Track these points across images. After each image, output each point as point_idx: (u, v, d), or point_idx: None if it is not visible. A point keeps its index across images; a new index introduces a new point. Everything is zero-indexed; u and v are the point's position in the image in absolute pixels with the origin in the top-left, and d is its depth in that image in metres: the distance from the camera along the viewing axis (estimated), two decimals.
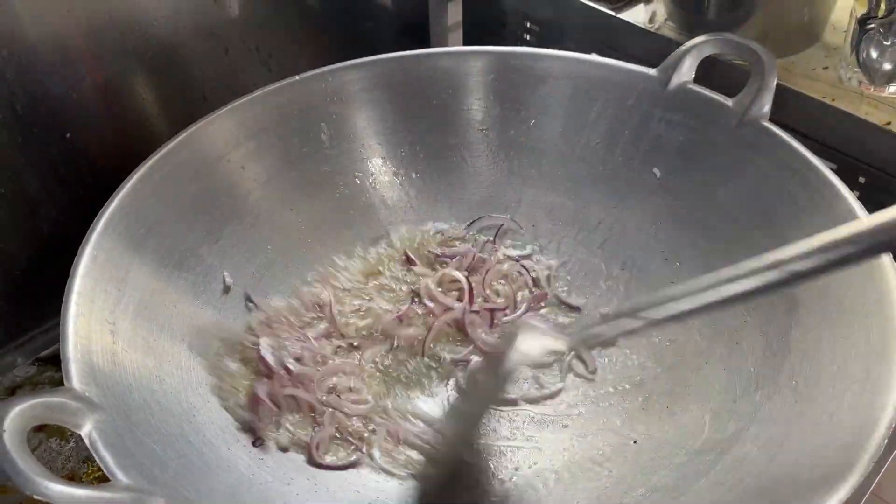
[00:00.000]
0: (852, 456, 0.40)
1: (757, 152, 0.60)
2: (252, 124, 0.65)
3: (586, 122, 0.69)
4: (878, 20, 0.65)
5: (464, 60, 0.70)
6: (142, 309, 0.53)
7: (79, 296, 0.49)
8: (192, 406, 0.51)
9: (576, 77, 0.69)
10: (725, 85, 0.64)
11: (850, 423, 0.43)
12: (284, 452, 0.54)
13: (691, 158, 0.64)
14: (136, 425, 0.45)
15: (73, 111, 0.64)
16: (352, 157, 0.70)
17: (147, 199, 0.58)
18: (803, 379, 0.49)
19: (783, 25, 0.73)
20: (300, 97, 0.67)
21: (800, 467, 0.42)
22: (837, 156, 0.67)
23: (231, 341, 0.58)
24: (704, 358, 0.57)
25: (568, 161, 0.70)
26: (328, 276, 0.66)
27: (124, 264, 0.54)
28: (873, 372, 0.44)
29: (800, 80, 0.71)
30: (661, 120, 0.66)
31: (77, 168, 0.66)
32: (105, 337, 0.49)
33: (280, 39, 0.78)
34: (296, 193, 0.67)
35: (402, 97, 0.70)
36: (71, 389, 0.44)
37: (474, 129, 0.72)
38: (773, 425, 0.48)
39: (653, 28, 0.77)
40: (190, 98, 0.73)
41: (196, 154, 0.62)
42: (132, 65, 0.67)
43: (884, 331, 0.46)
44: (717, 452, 0.49)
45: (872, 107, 0.68)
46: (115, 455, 0.41)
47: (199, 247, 0.60)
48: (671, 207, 0.65)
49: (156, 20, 0.67)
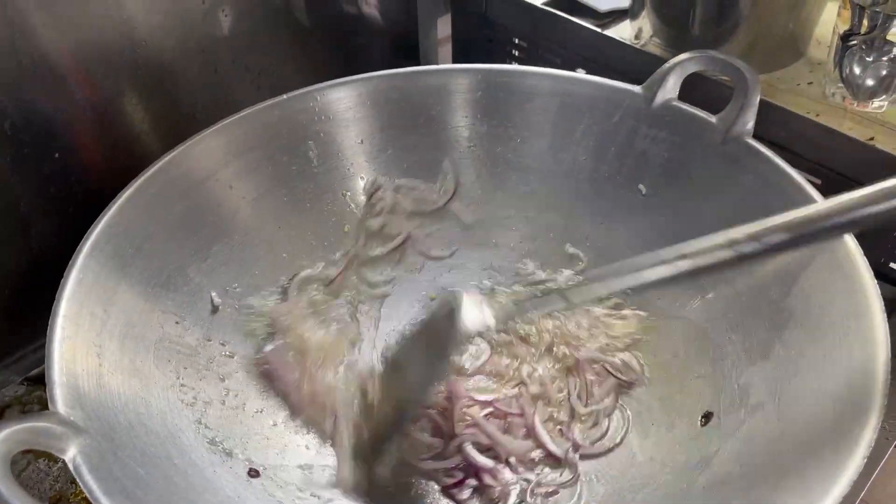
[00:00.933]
0: (832, 477, 0.40)
1: (740, 168, 0.61)
2: (240, 143, 0.66)
3: (573, 138, 0.70)
4: (861, 36, 0.66)
5: (450, 78, 0.71)
6: (129, 331, 0.53)
7: (64, 319, 0.49)
8: (177, 428, 0.51)
9: (562, 94, 0.69)
10: (711, 101, 0.64)
11: (831, 442, 0.43)
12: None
13: (676, 175, 0.65)
14: (120, 448, 0.45)
15: (64, 130, 0.64)
16: (340, 174, 0.70)
17: (135, 219, 0.58)
18: (786, 396, 0.49)
19: (768, 41, 0.74)
20: (288, 116, 0.68)
21: (780, 487, 0.43)
22: (822, 171, 0.67)
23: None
24: (690, 375, 0.57)
25: (555, 177, 0.70)
26: None
27: (111, 286, 0.54)
28: (854, 389, 0.45)
29: (784, 95, 0.72)
30: (647, 136, 0.66)
31: (68, 187, 0.66)
32: (91, 360, 0.49)
33: (270, 57, 0.79)
34: (284, 211, 0.68)
35: (390, 115, 0.71)
36: (56, 414, 0.44)
37: (462, 146, 0.72)
38: (755, 443, 0.48)
39: (639, 44, 0.78)
40: (180, 117, 0.73)
41: (184, 173, 0.62)
42: (122, 84, 0.67)
43: (864, 348, 0.46)
44: (700, 470, 0.49)
45: (856, 122, 0.68)
46: (98, 480, 0.41)
47: (187, 266, 0.60)
48: (656, 223, 0.65)
49: (145, 40, 0.67)
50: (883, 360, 0.44)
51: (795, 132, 0.68)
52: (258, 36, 0.76)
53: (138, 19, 0.66)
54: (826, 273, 0.52)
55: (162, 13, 0.67)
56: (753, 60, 0.73)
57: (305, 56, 0.83)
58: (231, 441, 0.54)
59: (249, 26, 0.75)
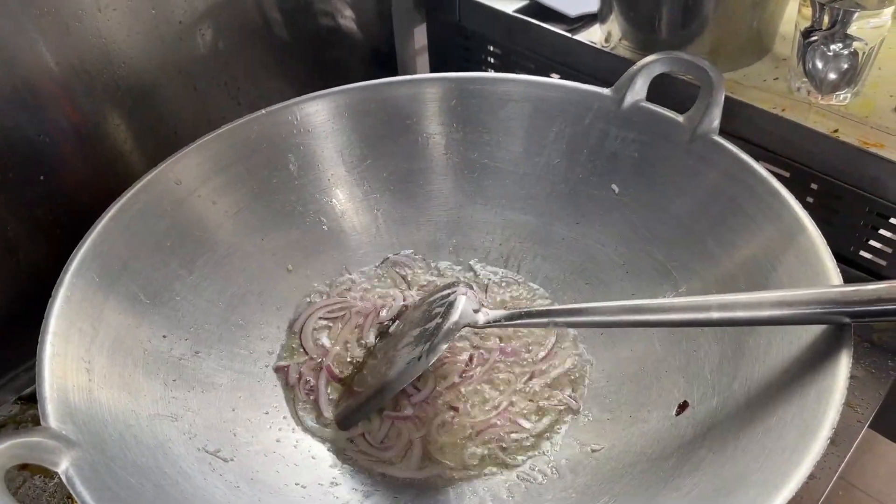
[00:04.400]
0: (796, 458, 0.42)
1: (708, 165, 0.62)
2: (221, 159, 0.67)
3: (546, 141, 0.71)
4: (822, 32, 0.68)
5: (424, 87, 0.72)
6: (117, 345, 0.55)
7: (54, 336, 0.51)
8: (167, 438, 0.52)
9: (534, 99, 0.71)
10: (681, 101, 0.66)
11: (798, 426, 0.44)
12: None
13: (646, 174, 0.67)
14: (112, 459, 0.46)
15: (47, 153, 0.66)
16: (320, 185, 0.72)
17: (120, 237, 0.59)
18: (755, 385, 0.50)
19: (733, 40, 0.76)
20: (267, 130, 0.69)
21: (749, 469, 0.44)
22: (790, 164, 0.69)
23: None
24: (664, 367, 0.59)
25: (531, 180, 0.72)
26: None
27: (99, 302, 0.55)
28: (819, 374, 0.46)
29: (751, 91, 0.74)
30: (617, 137, 0.68)
31: (53, 209, 0.68)
32: (81, 375, 0.50)
33: (249, 73, 0.80)
34: (266, 224, 0.69)
35: (367, 125, 0.72)
36: (48, 428, 0.45)
37: (438, 153, 0.74)
38: (726, 431, 0.49)
39: (608, 48, 0.80)
40: (162, 135, 0.74)
41: (166, 190, 0.63)
42: (103, 105, 0.69)
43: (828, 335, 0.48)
44: (676, 458, 0.51)
45: (821, 115, 0.70)
46: (91, 490, 0.42)
47: (173, 281, 0.62)
48: (629, 221, 0.67)
49: (124, 61, 0.69)
50: (846, 345, 0.46)
51: (762, 128, 0.69)
52: (236, 53, 0.78)
53: (117, 41, 0.67)
54: (793, 264, 0.54)
55: (140, 34, 0.69)
56: (720, 59, 0.75)
57: (284, 70, 0.84)
58: (222, 450, 0.55)
59: (227, 44, 0.76)
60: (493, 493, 0.55)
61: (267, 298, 0.68)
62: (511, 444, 0.58)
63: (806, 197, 0.69)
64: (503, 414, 0.60)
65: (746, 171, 0.60)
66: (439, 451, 0.58)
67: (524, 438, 0.59)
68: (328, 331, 0.67)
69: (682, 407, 0.55)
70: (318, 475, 0.57)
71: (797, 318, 0.46)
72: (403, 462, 0.58)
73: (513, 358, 0.64)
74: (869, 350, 0.64)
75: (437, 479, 0.57)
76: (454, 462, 0.58)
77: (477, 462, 0.58)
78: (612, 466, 0.54)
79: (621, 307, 0.53)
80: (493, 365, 0.64)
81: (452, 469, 0.57)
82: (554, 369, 0.63)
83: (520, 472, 0.57)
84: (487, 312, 0.57)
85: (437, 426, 0.60)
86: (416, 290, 0.71)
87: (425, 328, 0.57)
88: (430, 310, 0.60)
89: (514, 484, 0.56)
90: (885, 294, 0.43)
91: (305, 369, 0.64)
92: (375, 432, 0.60)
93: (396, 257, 0.73)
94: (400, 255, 0.74)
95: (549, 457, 0.58)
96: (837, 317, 0.45)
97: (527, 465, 0.57)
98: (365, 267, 0.73)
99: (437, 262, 0.74)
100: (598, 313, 0.53)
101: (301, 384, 0.63)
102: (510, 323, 0.57)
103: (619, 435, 0.57)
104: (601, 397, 0.61)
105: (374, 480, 0.58)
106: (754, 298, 0.47)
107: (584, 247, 0.70)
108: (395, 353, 0.59)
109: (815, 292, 0.46)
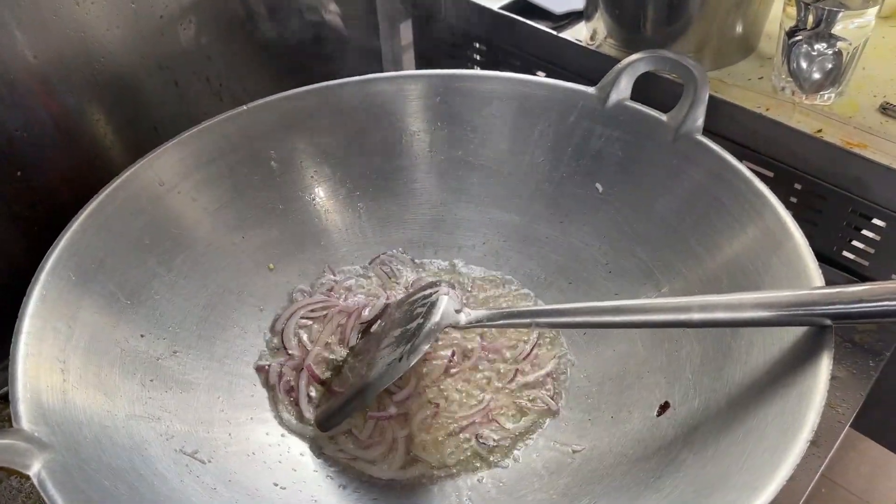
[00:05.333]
0: (778, 460, 0.41)
1: (692, 164, 0.62)
2: (201, 155, 0.66)
3: (531, 140, 0.71)
4: (806, 31, 0.67)
5: (408, 84, 0.72)
6: (93, 345, 0.54)
7: (28, 336, 0.50)
8: (143, 440, 0.51)
9: (519, 97, 0.71)
10: (664, 100, 0.66)
11: (779, 427, 0.44)
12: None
13: (630, 172, 0.66)
14: (86, 462, 0.46)
15: (25, 148, 0.65)
16: (302, 183, 0.71)
17: (97, 234, 0.58)
18: (737, 386, 0.50)
19: (718, 39, 0.75)
20: (248, 126, 0.69)
21: (730, 471, 0.44)
22: (774, 164, 0.69)
23: None
24: (646, 367, 0.58)
25: (514, 179, 0.72)
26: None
27: (74, 301, 0.54)
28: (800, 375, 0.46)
29: (736, 90, 0.74)
30: (601, 136, 0.68)
31: (31, 205, 0.67)
32: (55, 375, 0.50)
33: (231, 69, 0.79)
34: (247, 221, 0.68)
35: (350, 122, 0.72)
36: (20, 430, 0.44)
37: (422, 151, 0.73)
38: (707, 432, 0.49)
39: (593, 46, 0.79)
40: (142, 130, 0.74)
41: (145, 187, 0.63)
42: (83, 100, 0.68)
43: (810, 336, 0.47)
44: (657, 459, 0.51)
45: (804, 115, 0.70)
46: (63, 492, 0.42)
47: (150, 279, 0.61)
48: (613, 220, 0.67)
49: (104, 55, 0.68)
50: (827, 346, 0.46)
51: (746, 127, 0.69)
52: (218, 48, 0.77)
53: (97, 35, 0.66)
54: (775, 265, 0.53)
55: (120, 28, 0.68)
56: (705, 58, 0.75)
57: (268, 67, 0.84)
58: (199, 451, 0.54)
59: (209, 39, 0.75)
60: (474, 492, 0.55)
61: (247, 297, 0.67)
62: (492, 443, 0.58)
63: (789, 197, 0.69)
64: (484, 412, 0.60)
65: (730, 171, 0.60)
66: (421, 449, 0.58)
67: (504, 438, 0.58)
68: (310, 330, 0.67)
69: (663, 408, 0.55)
70: (298, 476, 0.57)
71: (778, 320, 0.46)
72: (386, 461, 0.58)
73: (495, 356, 0.64)
74: (851, 350, 0.64)
75: (420, 478, 0.57)
76: (435, 460, 0.57)
77: (457, 461, 0.57)
78: (593, 467, 0.54)
79: (602, 308, 0.53)
80: (475, 363, 0.63)
81: (434, 468, 0.57)
82: (536, 369, 0.63)
83: (500, 471, 0.57)
84: (469, 313, 0.57)
85: (418, 422, 0.59)
86: (399, 288, 0.70)
87: (406, 328, 0.57)
88: (411, 309, 0.60)
89: (495, 483, 0.56)
90: (866, 296, 0.43)
91: (286, 369, 0.64)
92: (360, 430, 0.60)
93: (381, 256, 0.73)
94: (384, 255, 0.73)
95: (530, 457, 0.57)
96: (819, 318, 0.45)
97: (507, 465, 0.57)
98: (347, 266, 0.73)
99: (421, 260, 0.73)
100: (580, 314, 0.53)
101: (281, 384, 0.63)
102: (492, 324, 0.57)
103: (600, 435, 0.56)
104: (583, 397, 0.61)
105: (355, 480, 0.57)
106: (735, 300, 0.47)
107: (567, 246, 0.69)
108: (376, 354, 0.59)
109: (796, 294, 0.46)
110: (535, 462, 0.57)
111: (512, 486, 0.55)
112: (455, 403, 0.61)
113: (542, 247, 0.71)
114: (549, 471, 0.55)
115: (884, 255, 0.66)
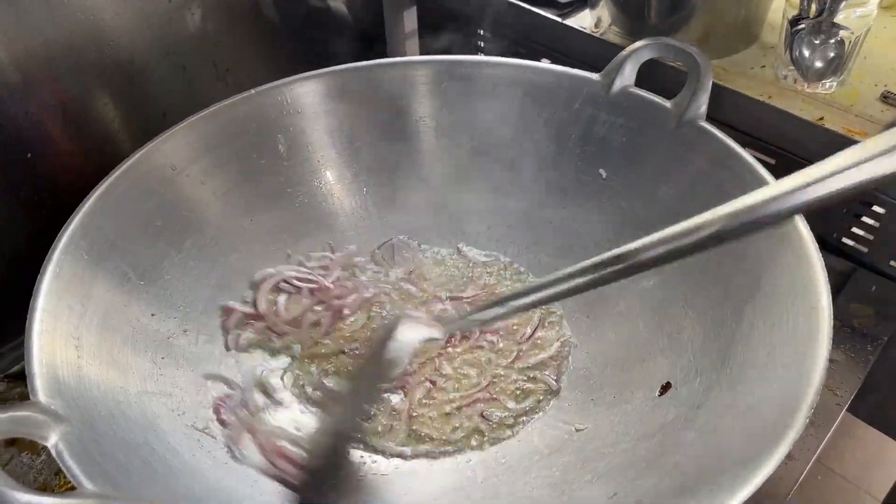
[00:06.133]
0: (776, 437, 0.42)
1: (694, 151, 0.63)
2: (210, 139, 0.67)
3: (536, 126, 0.71)
4: (809, 20, 0.68)
5: (414, 70, 0.72)
6: (106, 323, 0.55)
7: (43, 312, 0.51)
8: (155, 415, 0.52)
9: (524, 83, 0.71)
10: (668, 87, 0.66)
11: (778, 406, 0.45)
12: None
13: (634, 159, 0.67)
14: (101, 435, 0.47)
15: (34, 133, 0.65)
16: (309, 167, 0.72)
17: (108, 215, 0.59)
18: (738, 367, 0.51)
19: (722, 27, 0.76)
20: (256, 110, 0.69)
21: (730, 448, 0.45)
22: (776, 151, 0.70)
23: None
24: (647, 349, 0.59)
25: (519, 164, 0.72)
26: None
27: (87, 279, 0.55)
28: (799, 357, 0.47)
29: (739, 79, 0.75)
30: (606, 123, 0.68)
31: (39, 189, 0.68)
32: (70, 351, 0.51)
33: (237, 54, 0.80)
34: (255, 205, 0.69)
35: (356, 107, 0.72)
36: (37, 403, 0.45)
37: (428, 136, 0.74)
38: (708, 411, 0.50)
39: (598, 33, 0.80)
40: (150, 115, 0.74)
41: (154, 170, 0.63)
42: (91, 84, 0.69)
43: (810, 319, 0.48)
44: (659, 438, 0.52)
45: (807, 103, 0.71)
46: (80, 464, 0.43)
47: (161, 260, 0.62)
48: (617, 206, 0.68)
49: (112, 40, 0.68)
50: (826, 329, 0.47)
51: (749, 114, 0.70)
52: (226, 33, 0.78)
53: (105, 20, 0.67)
54: (775, 248, 0.54)
55: (129, 13, 0.68)
56: (709, 46, 0.76)
57: (274, 51, 0.84)
58: (210, 427, 0.55)
59: (217, 24, 0.76)
60: (476, 469, 0.56)
61: (254, 282, 0.68)
62: (495, 422, 0.59)
63: None
64: (487, 391, 0.61)
65: (733, 158, 0.60)
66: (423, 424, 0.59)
67: (507, 416, 0.59)
68: (288, 296, 0.68)
69: (664, 388, 0.56)
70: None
71: (753, 224, 0.41)
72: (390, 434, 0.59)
73: (496, 337, 0.65)
74: (849, 335, 0.65)
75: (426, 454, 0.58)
76: (438, 435, 0.58)
77: (460, 437, 0.58)
78: (596, 446, 0.55)
79: (582, 268, 0.47)
80: (476, 343, 0.64)
81: (436, 442, 0.58)
82: (538, 352, 0.64)
83: (503, 450, 0.58)
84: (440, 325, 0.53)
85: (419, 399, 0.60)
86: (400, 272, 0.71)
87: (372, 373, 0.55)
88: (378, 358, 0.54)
89: (498, 461, 0.57)
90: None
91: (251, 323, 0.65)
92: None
93: (387, 243, 0.73)
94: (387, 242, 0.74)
95: (532, 435, 0.59)
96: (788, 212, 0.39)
97: (511, 443, 0.58)
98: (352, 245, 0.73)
99: (426, 245, 0.74)
100: (558, 283, 0.48)
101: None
102: (474, 323, 0.53)
103: (602, 415, 0.57)
104: (585, 378, 0.62)
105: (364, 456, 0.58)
106: (694, 221, 0.43)
107: (571, 231, 0.70)
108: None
109: (767, 191, 0.40)
110: (537, 440, 0.58)
111: (515, 464, 0.56)
112: (454, 380, 0.62)
113: (545, 232, 0.72)
114: (552, 449, 0.56)
115: (883, 241, 0.67)
